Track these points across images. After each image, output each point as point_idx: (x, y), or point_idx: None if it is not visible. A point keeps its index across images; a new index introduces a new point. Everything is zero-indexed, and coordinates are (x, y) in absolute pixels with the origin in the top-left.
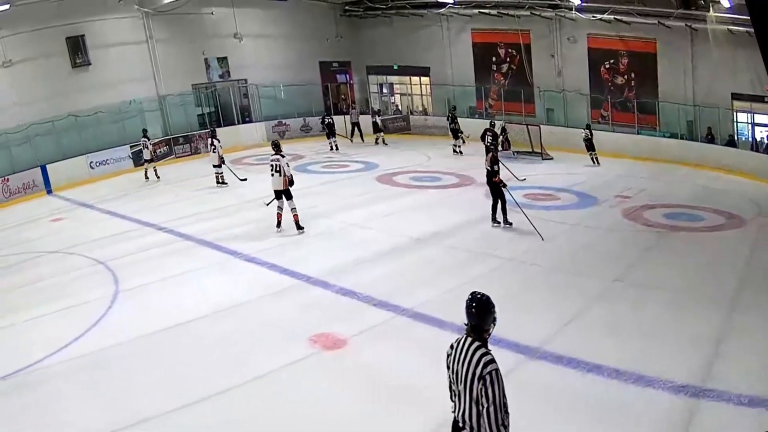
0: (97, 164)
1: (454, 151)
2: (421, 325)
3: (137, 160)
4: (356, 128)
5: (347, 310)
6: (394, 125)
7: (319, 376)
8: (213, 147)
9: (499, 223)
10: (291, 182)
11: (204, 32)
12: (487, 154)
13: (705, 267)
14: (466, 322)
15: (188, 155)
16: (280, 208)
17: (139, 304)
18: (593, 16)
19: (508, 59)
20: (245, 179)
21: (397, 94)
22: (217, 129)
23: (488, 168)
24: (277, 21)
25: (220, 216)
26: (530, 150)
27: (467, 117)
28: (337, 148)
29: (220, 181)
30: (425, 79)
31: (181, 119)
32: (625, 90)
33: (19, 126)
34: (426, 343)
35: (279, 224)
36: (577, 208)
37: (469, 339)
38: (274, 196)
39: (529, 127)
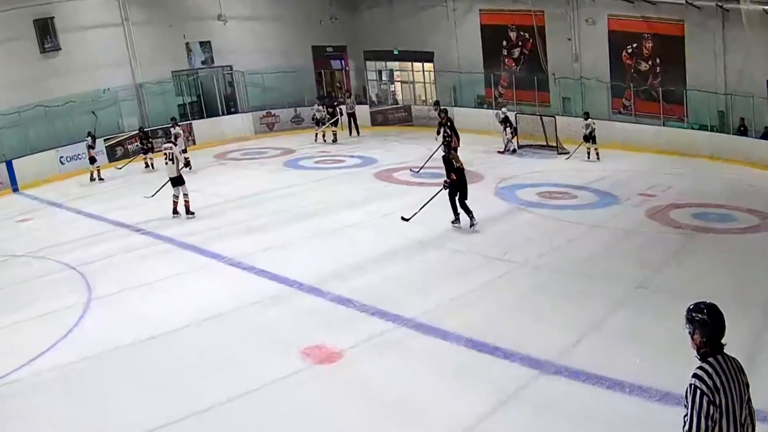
0: (69, 159)
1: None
2: (424, 337)
3: (112, 155)
4: (352, 120)
5: (342, 319)
6: (393, 116)
7: (312, 392)
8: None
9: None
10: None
11: (185, 14)
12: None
13: (737, 272)
14: (704, 339)
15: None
16: (175, 196)
17: (114, 312)
18: None
19: (520, 43)
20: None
21: (398, 81)
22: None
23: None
24: (265, 1)
25: (202, 216)
26: (544, 143)
27: (474, 107)
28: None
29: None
30: (428, 65)
31: (160, 109)
32: (650, 77)
33: None
34: (429, 356)
35: (176, 211)
36: (596, 208)
37: (720, 356)
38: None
39: (543, 118)
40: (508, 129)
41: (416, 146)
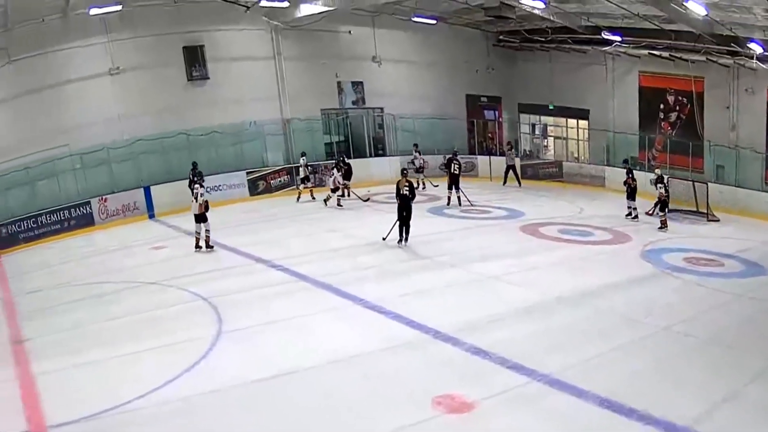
0: (209, 189)
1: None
2: (559, 394)
3: (253, 189)
4: (512, 171)
5: (476, 370)
6: (544, 171)
7: None
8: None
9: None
10: (206, 208)
11: (339, 53)
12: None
13: None
14: None
15: (312, 187)
16: (197, 233)
17: (243, 347)
18: None
19: (677, 107)
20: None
21: (551, 136)
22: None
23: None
24: (421, 46)
25: (341, 256)
26: (695, 209)
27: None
28: None
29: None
30: (583, 123)
31: (307, 147)
32: None
33: (124, 141)
34: (562, 414)
35: (198, 245)
36: (743, 277)
37: None
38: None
39: (695, 183)
40: (661, 188)
41: (566, 203)
